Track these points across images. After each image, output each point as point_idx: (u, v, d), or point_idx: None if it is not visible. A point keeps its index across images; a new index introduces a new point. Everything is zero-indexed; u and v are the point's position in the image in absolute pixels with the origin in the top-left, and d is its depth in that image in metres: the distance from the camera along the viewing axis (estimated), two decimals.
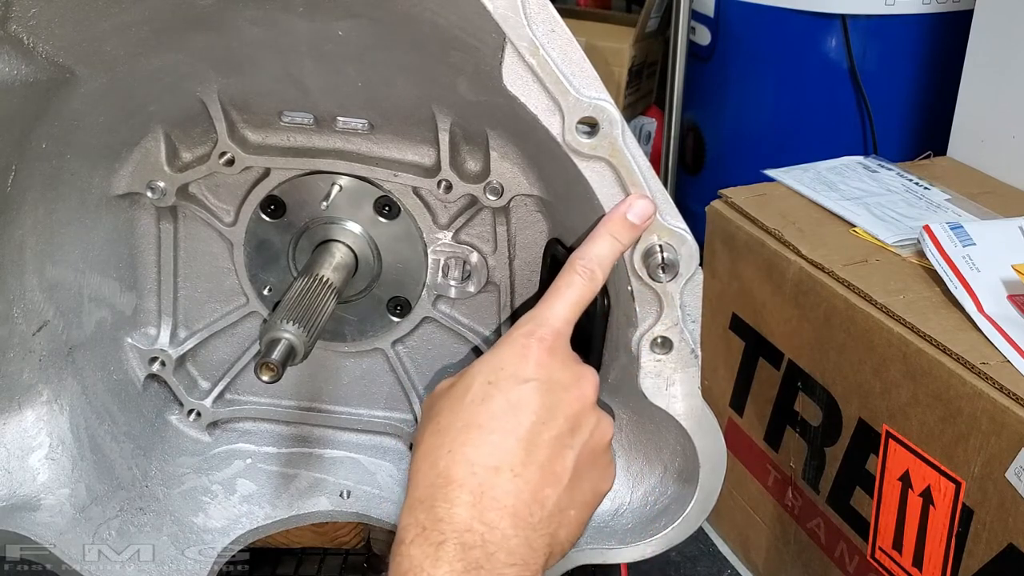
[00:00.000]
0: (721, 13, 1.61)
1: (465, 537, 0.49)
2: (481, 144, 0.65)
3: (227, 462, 0.81)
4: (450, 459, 0.51)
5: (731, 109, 1.68)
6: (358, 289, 0.72)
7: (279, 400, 0.80)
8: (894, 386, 0.88)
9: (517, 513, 0.50)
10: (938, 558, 0.86)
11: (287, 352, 0.60)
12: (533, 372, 0.53)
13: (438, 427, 0.53)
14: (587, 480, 0.55)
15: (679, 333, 0.57)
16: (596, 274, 0.56)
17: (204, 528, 0.78)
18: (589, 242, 0.56)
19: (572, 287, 0.56)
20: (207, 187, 0.71)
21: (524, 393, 0.53)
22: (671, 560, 1.25)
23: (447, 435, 0.52)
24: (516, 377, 0.53)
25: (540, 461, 0.52)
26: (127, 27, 0.57)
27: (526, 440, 0.52)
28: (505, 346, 0.55)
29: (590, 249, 0.56)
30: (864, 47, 1.47)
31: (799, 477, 1.06)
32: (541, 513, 0.51)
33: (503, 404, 0.53)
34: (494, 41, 0.50)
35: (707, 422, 0.60)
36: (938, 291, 0.91)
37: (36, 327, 0.68)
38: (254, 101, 0.66)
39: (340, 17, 0.56)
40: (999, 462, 0.77)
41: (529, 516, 0.51)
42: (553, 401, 0.53)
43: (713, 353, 1.16)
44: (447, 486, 0.50)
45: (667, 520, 0.65)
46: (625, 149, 0.52)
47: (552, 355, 0.54)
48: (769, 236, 1.04)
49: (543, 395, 0.53)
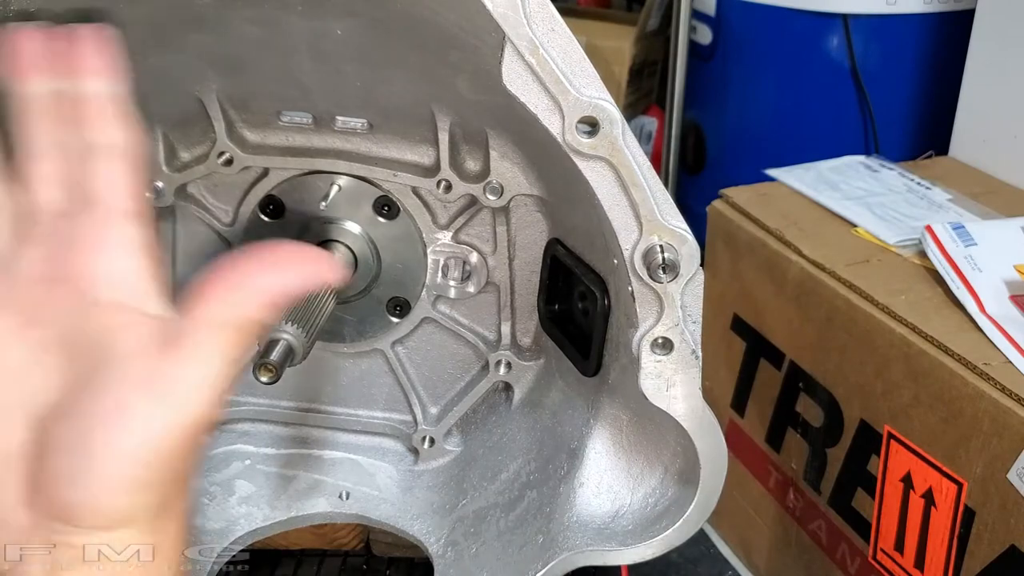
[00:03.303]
0: (722, 12, 1.61)
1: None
2: (481, 144, 0.65)
3: (225, 463, 0.80)
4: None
5: (732, 108, 1.68)
6: (357, 289, 0.72)
7: (278, 401, 0.80)
8: (896, 387, 0.88)
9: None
10: (940, 559, 0.85)
11: (285, 353, 0.60)
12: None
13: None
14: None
15: (680, 334, 0.57)
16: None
17: (203, 529, 0.78)
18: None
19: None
20: (205, 187, 0.71)
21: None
22: (672, 562, 1.25)
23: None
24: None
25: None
26: (125, 27, 0.56)
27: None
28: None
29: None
30: (866, 47, 1.47)
31: (800, 478, 1.06)
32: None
33: None
34: (494, 40, 0.49)
35: (708, 423, 0.60)
36: (940, 291, 0.90)
37: None
38: (253, 101, 0.66)
39: (339, 16, 0.56)
40: (1001, 463, 0.77)
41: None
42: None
43: (714, 354, 1.16)
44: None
45: (668, 521, 0.64)
46: (625, 149, 0.52)
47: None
48: (770, 236, 1.04)
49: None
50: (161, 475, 0.41)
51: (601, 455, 0.69)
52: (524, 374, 0.75)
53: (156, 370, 0.40)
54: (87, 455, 0.39)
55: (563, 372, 0.72)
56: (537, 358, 0.75)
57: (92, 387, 0.40)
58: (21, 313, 0.41)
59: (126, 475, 0.40)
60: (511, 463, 0.75)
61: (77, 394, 0.40)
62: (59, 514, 0.41)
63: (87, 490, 0.40)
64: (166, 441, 0.40)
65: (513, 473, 0.74)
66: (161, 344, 0.41)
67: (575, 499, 0.68)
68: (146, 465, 0.40)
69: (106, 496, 0.40)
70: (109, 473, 0.39)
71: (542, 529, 0.69)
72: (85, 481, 0.39)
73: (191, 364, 0.40)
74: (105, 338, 0.41)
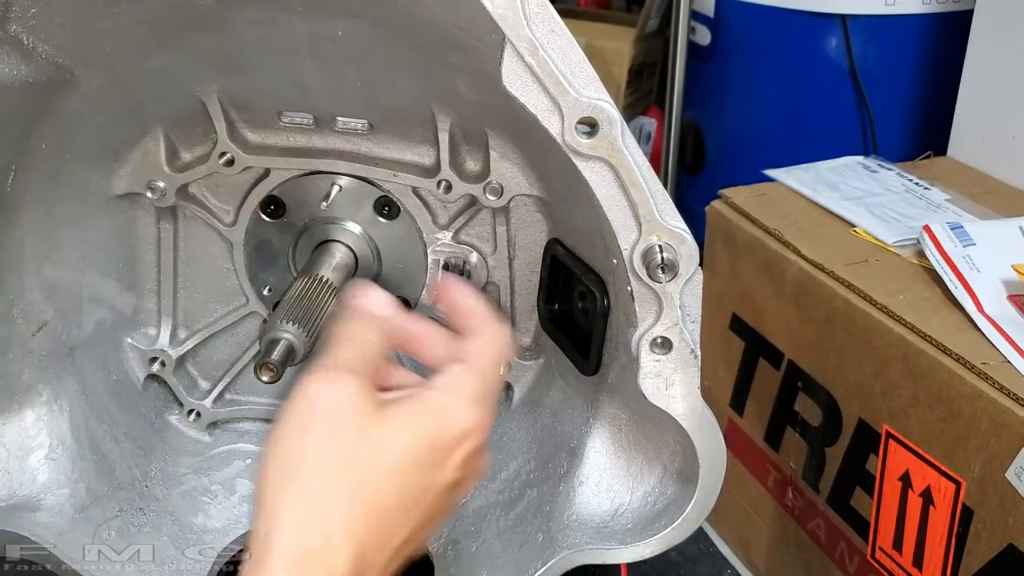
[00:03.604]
0: (721, 13, 1.61)
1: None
2: (481, 144, 0.65)
3: (227, 462, 0.81)
4: (344, 538, 0.45)
5: (731, 109, 1.68)
6: None
7: (279, 400, 0.80)
8: (894, 386, 0.88)
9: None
10: (938, 558, 0.86)
11: (287, 352, 0.60)
12: (459, 466, 0.49)
13: (343, 483, 0.46)
14: (426, 534, 0.51)
15: (679, 333, 0.57)
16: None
17: (204, 528, 0.78)
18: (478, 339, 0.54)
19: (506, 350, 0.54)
20: (207, 187, 0.71)
21: (439, 489, 0.49)
22: (671, 560, 1.25)
23: (350, 504, 0.46)
24: (443, 468, 0.48)
25: (416, 541, 0.49)
26: (126, 27, 0.57)
27: (415, 530, 0.48)
28: (450, 422, 0.49)
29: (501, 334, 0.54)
30: (864, 47, 1.47)
31: (799, 477, 1.06)
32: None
33: (417, 496, 0.48)
34: (493, 41, 0.50)
35: (707, 422, 0.60)
36: (938, 291, 0.91)
37: (36, 327, 0.68)
38: (254, 101, 0.66)
39: (339, 17, 0.56)
40: (999, 462, 0.77)
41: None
42: (458, 480, 0.50)
43: (713, 353, 1.16)
44: (331, 571, 0.44)
45: (667, 520, 0.64)
46: (624, 149, 0.52)
47: (482, 443, 0.51)
48: (769, 236, 1.04)
49: (452, 489, 0.50)
50: None
51: (600, 454, 0.69)
52: (524, 373, 0.76)
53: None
54: None
55: (563, 371, 0.72)
56: (537, 357, 0.75)
57: None
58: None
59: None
60: (511, 462, 0.75)
61: None
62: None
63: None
64: None
65: (513, 472, 0.74)
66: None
67: (575, 498, 0.69)
68: None
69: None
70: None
71: (542, 527, 0.69)
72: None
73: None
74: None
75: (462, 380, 0.50)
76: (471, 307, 0.54)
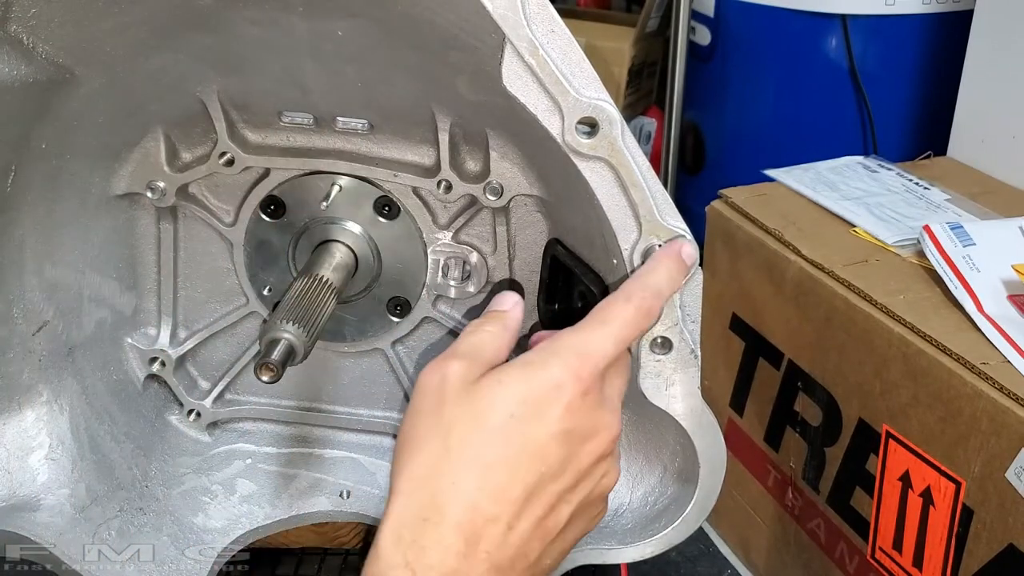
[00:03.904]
0: (721, 13, 1.61)
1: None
2: (481, 144, 0.65)
3: (227, 462, 0.81)
4: (452, 494, 0.48)
5: (731, 109, 1.68)
6: (358, 289, 0.72)
7: (279, 400, 0.80)
8: (894, 386, 0.88)
9: (501, 566, 0.48)
10: (938, 558, 0.86)
11: (287, 352, 0.60)
12: (559, 418, 0.50)
13: (446, 444, 0.49)
14: (575, 529, 0.53)
15: (679, 333, 0.57)
16: (653, 310, 0.53)
17: (204, 528, 0.78)
18: (646, 273, 0.54)
19: (625, 321, 0.53)
20: (207, 187, 0.71)
21: (543, 440, 0.50)
22: (671, 560, 1.25)
23: (454, 461, 0.49)
24: (541, 420, 0.49)
25: (537, 515, 0.50)
26: (127, 27, 0.57)
27: (530, 492, 0.49)
28: (538, 373, 0.51)
29: (648, 279, 0.53)
30: (864, 47, 1.47)
31: (799, 477, 1.06)
32: (523, 564, 0.49)
33: (519, 447, 0.49)
34: (494, 41, 0.50)
35: (707, 422, 0.60)
36: (938, 291, 0.91)
37: (36, 327, 0.68)
38: (254, 101, 0.66)
39: (340, 17, 0.56)
40: (999, 462, 0.77)
41: (510, 569, 0.49)
42: (568, 453, 0.50)
43: (713, 353, 1.16)
44: (441, 525, 0.47)
45: (667, 520, 0.65)
46: (625, 149, 0.52)
47: (584, 400, 0.51)
48: (769, 236, 1.04)
49: (561, 445, 0.50)
50: None
51: None
52: None
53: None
54: None
55: None
56: None
57: None
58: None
59: None
60: None
61: None
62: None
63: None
64: None
65: None
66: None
67: None
68: None
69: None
70: None
71: None
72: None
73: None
74: None
75: (550, 344, 0.52)
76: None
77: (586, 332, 0.53)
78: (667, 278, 0.54)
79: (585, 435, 0.51)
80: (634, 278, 0.54)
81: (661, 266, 0.54)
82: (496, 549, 0.48)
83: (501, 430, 0.49)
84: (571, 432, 0.50)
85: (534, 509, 0.49)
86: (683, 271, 0.54)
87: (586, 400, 0.51)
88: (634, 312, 0.53)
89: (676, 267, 0.54)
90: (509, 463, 0.49)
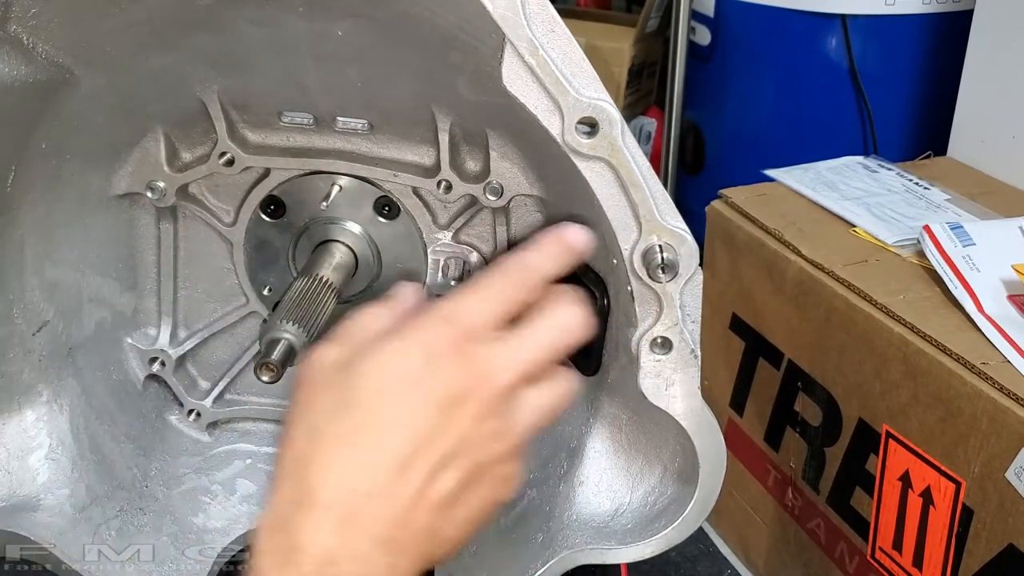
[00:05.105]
0: (721, 13, 1.61)
1: (327, 571, 0.45)
2: (481, 144, 0.65)
3: (227, 462, 0.81)
4: (320, 476, 0.47)
5: (731, 109, 1.68)
6: (358, 289, 0.72)
7: (279, 400, 0.80)
8: (894, 386, 0.88)
9: (384, 540, 0.46)
10: (938, 558, 0.86)
11: (287, 352, 0.60)
12: (425, 381, 0.48)
13: (313, 428, 0.48)
14: (473, 498, 0.50)
15: (679, 333, 0.57)
16: (529, 282, 0.53)
17: (204, 528, 0.78)
18: (526, 249, 0.54)
19: (496, 288, 0.52)
20: (207, 187, 0.71)
21: (410, 407, 0.48)
22: (671, 560, 1.25)
23: (320, 443, 0.48)
24: (406, 385, 0.48)
25: (416, 485, 0.47)
26: (127, 27, 0.57)
27: (403, 462, 0.47)
28: (405, 340, 0.49)
29: (525, 254, 0.54)
30: (864, 47, 1.47)
31: (799, 477, 1.06)
32: (412, 538, 0.48)
33: (384, 417, 0.48)
34: (494, 41, 0.50)
35: (707, 422, 0.60)
36: (938, 291, 0.91)
37: (36, 327, 0.68)
38: (254, 101, 0.66)
39: (340, 17, 0.56)
40: (999, 462, 0.77)
41: (396, 542, 0.47)
42: (442, 419, 0.48)
43: (713, 353, 1.16)
44: (312, 508, 0.46)
45: (667, 520, 0.65)
46: (625, 149, 0.52)
47: (455, 360, 0.49)
48: (769, 236, 1.04)
49: (431, 411, 0.48)
50: None
51: (600, 454, 0.69)
52: None
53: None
54: None
55: None
56: None
57: None
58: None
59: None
60: None
61: None
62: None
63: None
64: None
65: None
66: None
67: (574, 498, 0.69)
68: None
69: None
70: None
71: (542, 527, 0.69)
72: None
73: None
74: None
75: (418, 313, 0.52)
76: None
77: (454, 297, 0.52)
78: (546, 255, 0.54)
79: (459, 396, 0.49)
80: (513, 253, 0.54)
81: (542, 245, 0.55)
82: (375, 523, 0.46)
83: (366, 403, 0.48)
84: (443, 395, 0.48)
85: (411, 478, 0.47)
86: (566, 251, 0.55)
87: (457, 360, 0.49)
88: (505, 280, 0.53)
89: (557, 247, 0.55)
90: (376, 434, 0.48)
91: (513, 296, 0.53)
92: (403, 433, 0.48)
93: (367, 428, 0.48)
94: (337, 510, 0.46)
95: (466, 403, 0.49)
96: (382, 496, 0.47)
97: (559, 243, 0.55)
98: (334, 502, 0.46)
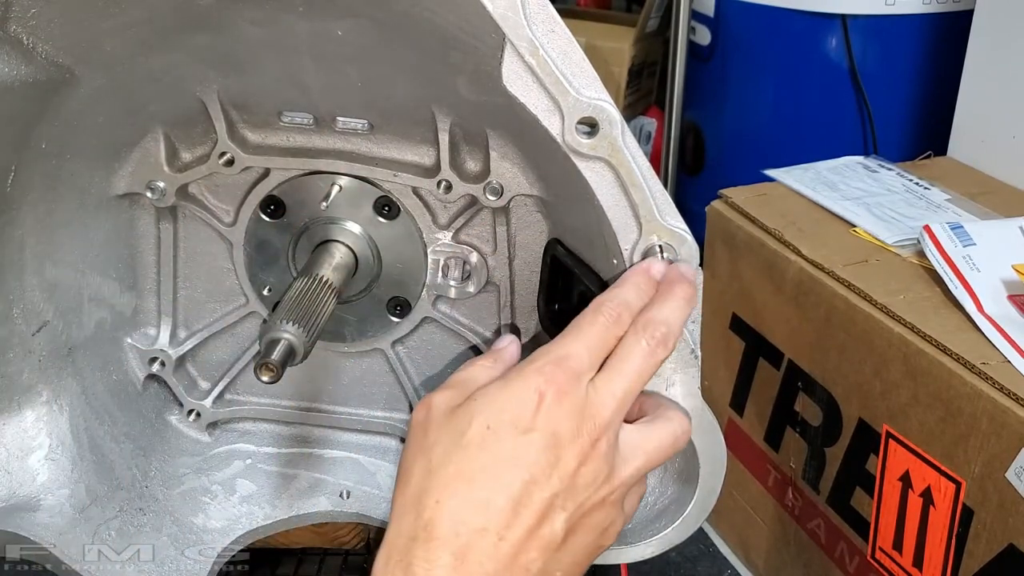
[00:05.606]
0: (721, 13, 1.61)
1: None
2: (481, 144, 0.65)
3: (227, 462, 0.81)
4: (436, 511, 0.48)
5: (731, 109, 1.68)
6: (358, 289, 0.72)
7: (279, 400, 0.80)
8: (894, 386, 0.88)
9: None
10: (938, 558, 0.86)
11: (287, 352, 0.60)
12: (536, 422, 0.50)
13: (429, 465, 0.51)
14: (581, 539, 0.52)
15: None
16: (622, 317, 0.54)
17: (204, 528, 0.79)
18: (615, 287, 0.56)
19: (595, 326, 0.54)
20: (207, 187, 0.71)
21: (521, 447, 0.49)
22: (671, 560, 1.25)
23: (436, 479, 0.50)
24: (517, 426, 0.50)
25: (528, 524, 0.49)
26: (127, 27, 0.57)
27: (516, 500, 0.49)
28: (513, 383, 0.52)
29: (615, 291, 0.55)
30: (864, 47, 1.47)
31: (799, 477, 1.06)
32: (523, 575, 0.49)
33: (498, 456, 0.49)
34: (494, 41, 0.50)
35: (707, 422, 0.60)
36: (938, 291, 0.90)
37: (36, 327, 0.68)
38: (254, 101, 0.66)
39: (340, 17, 0.56)
40: (999, 462, 0.77)
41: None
42: (552, 458, 0.50)
43: (713, 353, 1.16)
44: (429, 542, 0.48)
45: (667, 520, 0.65)
46: (625, 149, 0.52)
47: (562, 402, 0.50)
48: (769, 236, 1.04)
49: (541, 451, 0.50)
50: None
51: None
52: None
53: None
54: None
55: None
56: None
57: None
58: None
59: None
60: None
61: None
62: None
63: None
64: None
65: None
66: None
67: None
68: None
69: None
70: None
71: None
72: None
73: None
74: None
75: (526, 358, 0.54)
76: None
77: (558, 341, 0.54)
78: (635, 292, 0.55)
79: (567, 436, 0.50)
80: (604, 292, 0.56)
81: (629, 281, 0.56)
82: (488, 560, 0.48)
83: (480, 442, 0.50)
84: (551, 436, 0.50)
85: (523, 518, 0.49)
86: (651, 285, 0.56)
87: (564, 403, 0.51)
88: (603, 320, 0.54)
89: (643, 281, 0.56)
90: (490, 473, 0.49)
91: (610, 335, 0.54)
92: (516, 472, 0.49)
93: (481, 466, 0.50)
94: (453, 546, 0.47)
95: (574, 442, 0.50)
96: (496, 533, 0.48)
97: (644, 275, 0.56)
98: (451, 537, 0.48)
